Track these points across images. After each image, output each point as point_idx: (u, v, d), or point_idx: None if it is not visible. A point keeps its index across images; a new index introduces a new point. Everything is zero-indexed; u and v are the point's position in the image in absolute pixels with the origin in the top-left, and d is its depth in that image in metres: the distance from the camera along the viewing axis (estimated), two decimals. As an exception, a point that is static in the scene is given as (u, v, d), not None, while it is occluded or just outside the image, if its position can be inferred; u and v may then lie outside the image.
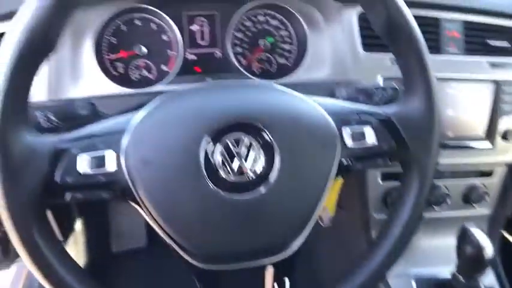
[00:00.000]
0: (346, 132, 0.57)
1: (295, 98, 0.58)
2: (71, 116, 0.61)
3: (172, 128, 0.51)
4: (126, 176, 0.50)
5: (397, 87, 0.71)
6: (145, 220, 0.52)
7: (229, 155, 0.52)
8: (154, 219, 0.51)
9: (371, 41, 0.94)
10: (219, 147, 0.51)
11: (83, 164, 0.50)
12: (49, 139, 0.50)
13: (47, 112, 0.60)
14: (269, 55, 0.98)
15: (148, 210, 0.51)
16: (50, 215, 0.98)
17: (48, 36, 0.47)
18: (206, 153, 0.51)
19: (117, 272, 1.51)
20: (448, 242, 0.99)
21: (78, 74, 0.86)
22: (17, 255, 0.95)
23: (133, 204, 0.52)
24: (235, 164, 0.51)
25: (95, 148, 0.51)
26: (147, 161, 0.50)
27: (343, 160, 0.57)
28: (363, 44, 0.95)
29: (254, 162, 0.52)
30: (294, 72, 0.93)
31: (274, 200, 0.53)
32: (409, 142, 0.58)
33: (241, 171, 0.52)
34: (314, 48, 0.95)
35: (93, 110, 0.63)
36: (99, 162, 0.50)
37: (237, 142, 0.52)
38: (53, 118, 0.60)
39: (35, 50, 0.47)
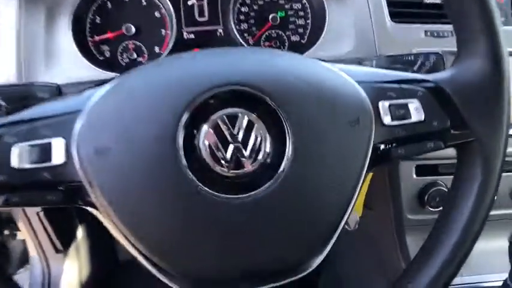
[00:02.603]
0: (384, 107, 0.44)
1: (313, 63, 0.45)
2: (25, 99, 0.49)
3: (139, 104, 0.39)
4: (78, 171, 0.38)
5: (441, 53, 0.57)
6: None
7: (221, 139, 0.39)
8: (119, 230, 0.38)
9: (400, 9, 0.84)
10: (205, 129, 0.39)
11: (20, 156, 0.38)
12: None
13: None
14: (280, 32, 0.89)
15: (109, 217, 0.38)
16: (46, 222, 0.92)
17: None
18: (187, 137, 0.38)
19: (124, 282, 1.43)
20: (499, 245, 0.90)
21: (53, 57, 0.76)
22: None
23: (90, 209, 0.40)
24: (229, 152, 0.39)
25: (38, 135, 0.39)
26: (103, 148, 0.37)
27: (380, 145, 0.44)
28: (391, 13, 0.84)
29: (257, 149, 0.40)
30: (309, 50, 0.83)
31: (285, 203, 0.40)
32: (468, 118, 0.46)
33: (238, 161, 0.39)
34: (333, 22, 0.85)
35: (56, 93, 0.51)
36: (43, 153, 0.39)
37: (232, 121, 0.40)
38: (1, 102, 0.47)
39: None
